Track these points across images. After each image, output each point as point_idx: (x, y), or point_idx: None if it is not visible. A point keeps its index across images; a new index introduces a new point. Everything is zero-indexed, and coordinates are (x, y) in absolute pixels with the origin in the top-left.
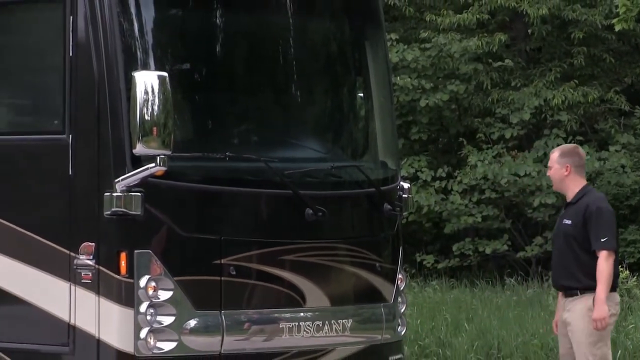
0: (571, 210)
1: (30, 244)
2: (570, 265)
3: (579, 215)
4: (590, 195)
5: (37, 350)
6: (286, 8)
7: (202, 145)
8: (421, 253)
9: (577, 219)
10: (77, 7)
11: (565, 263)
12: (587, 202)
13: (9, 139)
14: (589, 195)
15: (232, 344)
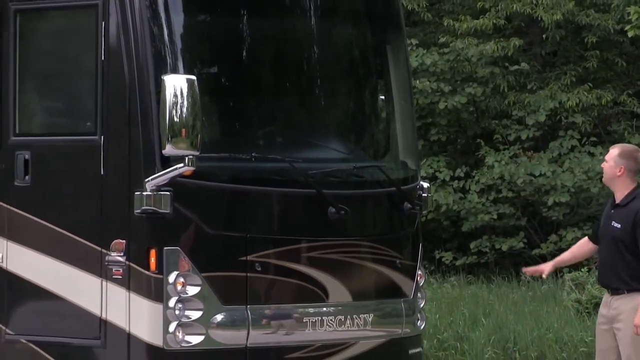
0: (620, 213)
1: (63, 241)
2: (617, 267)
3: (629, 219)
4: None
5: (69, 343)
6: (311, 14)
7: (228, 146)
8: (440, 250)
9: (627, 224)
10: (109, 13)
11: (612, 264)
12: (637, 207)
13: (45, 140)
14: (639, 200)
15: (257, 337)
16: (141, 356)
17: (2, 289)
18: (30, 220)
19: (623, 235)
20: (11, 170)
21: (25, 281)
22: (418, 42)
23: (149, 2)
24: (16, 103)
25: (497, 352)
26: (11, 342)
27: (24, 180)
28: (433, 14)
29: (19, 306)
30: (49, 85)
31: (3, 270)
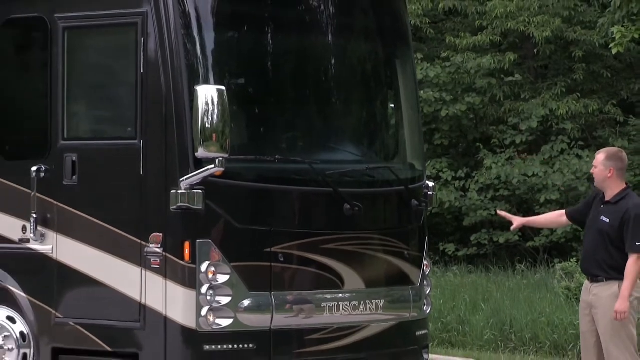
0: (610, 209)
1: (107, 235)
2: (599, 257)
3: (617, 216)
4: (629, 199)
5: (112, 326)
6: (329, 31)
7: (255, 149)
8: (443, 242)
9: (615, 220)
10: (148, 30)
11: (595, 253)
12: (627, 206)
13: (90, 143)
14: (629, 199)
15: (280, 320)
16: (176, 337)
17: (53, 278)
18: (77, 215)
19: (610, 229)
20: (60, 170)
21: (73, 270)
22: (423, 56)
23: (183, 21)
24: (65, 111)
25: (495, 334)
26: (61, 324)
27: (72, 180)
28: (436, 31)
29: (67, 292)
30: (94, 94)
31: (53, 261)
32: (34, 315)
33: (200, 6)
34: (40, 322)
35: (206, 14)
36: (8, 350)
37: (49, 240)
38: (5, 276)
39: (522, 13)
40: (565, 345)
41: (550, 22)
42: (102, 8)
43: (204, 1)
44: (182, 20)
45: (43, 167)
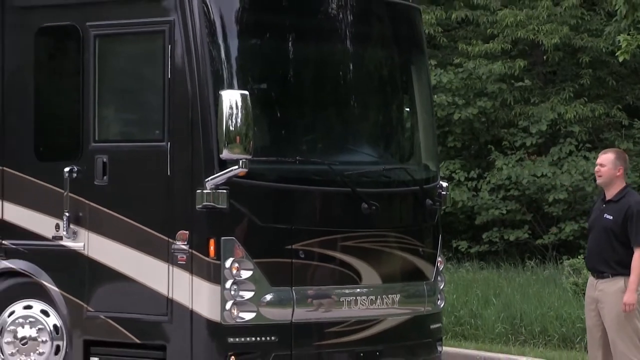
0: (613, 207)
1: (135, 232)
2: (606, 254)
3: (620, 213)
4: (630, 196)
5: (141, 319)
6: (348, 38)
7: (276, 150)
8: (456, 240)
9: (619, 216)
10: (175, 38)
11: (601, 251)
12: (629, 203)
13: (120, 145)
14: (630, 197)
15: (301, 314)
16: (202, 330)
17: (84, 273)
18: (107, 214)
19: (614, 225)
20: (91, 171)
21: (104, 266)
22: (436, 62)
23: (208, 29)
24: (96, 114)
25: (506, 328)
26: (92, 317)
27: (102, 180)
28: (449, 39)
29: (98, 287)
30: (123, 98)
31: (85, 257)
32: (67, 308)
33: (224, 15)
34: (72, 316)
35: (230, 22)
36: (42, 342)
37: (81, 237)
38: (39, 271)
39: (532, 21)
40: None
41: (558, 30)
42: (131, 16)
43: (228, 10)
44: (207, 28)
45: (75, 168)
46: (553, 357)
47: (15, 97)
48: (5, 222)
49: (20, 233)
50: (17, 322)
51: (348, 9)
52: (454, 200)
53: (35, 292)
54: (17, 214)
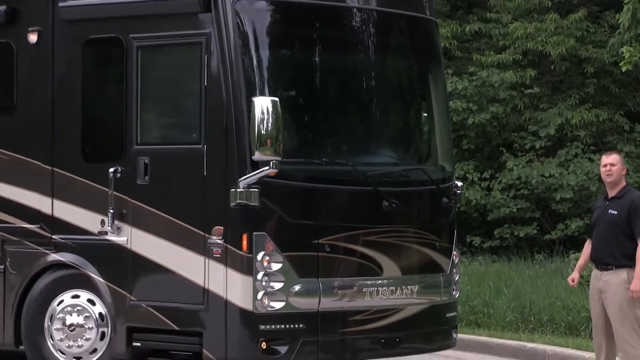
0: (617, 203)
1: (174, 227)
2: (611, 246)
3: (624, 208)
4: (632, 193)
5: (179, 307)
6: (370, 49)
7: (304, 152)
8: (470, 235)
9: (623, 211)
10: (210, 48)
11: (606, 244)
12: (632, 198)
13: (160, 148)
14: (632, 193)
15: (326, 303)
16: (235, 318)
17: (127, 265)
18: (148, 211)
19: (619, 219)
20: (134, 171)
21: (145, 259)
22: (452, 71)
23: (241, 40)
24: (138, 119)
25: (516, 316)
26: (134, 306)
27: (144, 180)
28: (463, 51)
29: (140, 278)
30: (163, 104)
31: (128, 250)
32: (111, 298)
33: (256, 27)
34: (116, 304)
35: (262, 34)
36: (88, 329)
37: (124, 232)
38: (86, 264)
39: (540, 34)
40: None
41: (565, 41)
42: (170, 29)
43: (259, 23)
44: (240, 40)
45: (119, 169)
46: (560, 344)
47: (64, 104)
48: (55, 218)
49: (69, 228)
50: (66, 310)
51: (370, 21)
52: (468, 198)
53: (82, 282)
54: (66, 211)
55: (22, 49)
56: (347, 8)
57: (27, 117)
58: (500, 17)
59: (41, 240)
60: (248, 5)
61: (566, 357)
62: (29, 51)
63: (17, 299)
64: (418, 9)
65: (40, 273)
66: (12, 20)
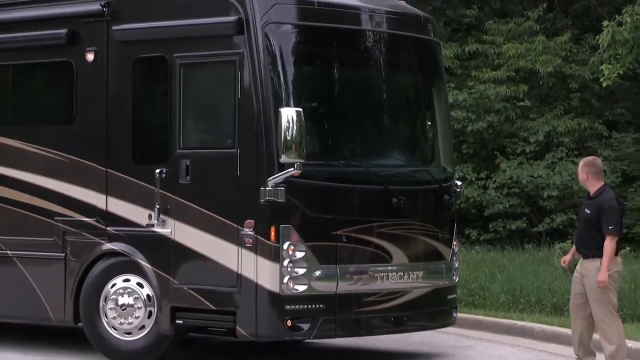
0: (591, 203)
1: (212, 221)
2: (587, 240)
3: (595, 208)
4: (605, 194)
5: (216, 290)
6: (382, 66)
7: (324, 156)
8: (468, 228)
9: (594, 211)
10: (243, 66)
11: (584, 238)
12: (602, 200)
13: (200, 152)
14: (605, 194)
15: (343, 287)
16: (264, 299)
17: (171, 253)
18: (189, 206)
19: (591, 217)
20: (177, 172)
21: (186, 247)
22: (454, 85)
23: (269, 59)
24: (180, 127)
25: (508, 298)
26: (177, 289)
27: (186, 179)
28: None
29: (182, 264)
30: (202, 114)
31: (171, 240)
32: (157, 281)
33: (283, 48)
34: (162, 287)
35: (287, 53)
36: (138, 308)
37: (169, 225)
38: (135, 252)
39: (530, 53)
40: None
41: (552, 60)
42: (208, 49)
43: (285, 44)
44: (269, 58)
45: (164, 170)
46: (546, 322)
47: (117, 114)
48: (109, 212)
49: (121, 221)
50: (118, 292)
51: (382, 42)
52: (467, 196)
53: (132, 268)
54: (118, 206)
55: (81, 67)
56: (362, 31)
57: (85, 125)
58: (494, 39)
59: (97, 231)
60: (275, 28)
61: (551, 333)
62: (86, 68)
63: (76, 282)
64: (423, 32)
65: (96, 260)
66: (73, 41)
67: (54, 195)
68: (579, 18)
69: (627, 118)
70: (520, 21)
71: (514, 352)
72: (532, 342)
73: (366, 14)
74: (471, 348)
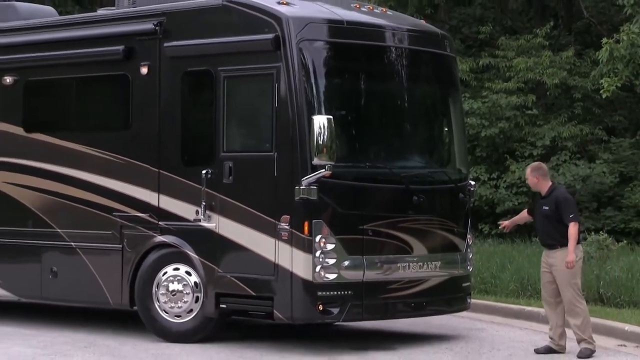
0: (547, 200)
1: (252, 216)
2: (552, 232)
3: (552, 203)
4: (557, 191)
5: (255, 278)
6: (403, 79)
7: (352, 158)
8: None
9: (552, 206)
10: (280, 78)
11: (548, 232)
12: (557, 195)
13: (242, 154)
14: (557, 191)
15: (369, 275)
16: (299, 286)
17: (216, 245)
18: (232, 203)
19: (550, 212)
20: (221, 173)
21: (229, 240)
22: (469, 95)
23: (303, 72)
24: (224, 132)
25: (517, 286)
26: (221, 277)
27: (229, 179)
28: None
29: (225, 255)
30: (243, 121)
31: (216, 234)
32: (203, 270)
33: (315, 61)
34: (207, 275)
35: (319, 67)
36: (186, 294)
37: (213, 219)
38: (184, 244)
39: (538, 67)
40: None
41: (558, 73)
42: (249, 63)
43: (318, 59)
44: (303, 71)
45: (210, 171)
46: None
47: (168, 121)
48: (161, 208)
49: (171, 216)
50: (169, 279)
51: (403, 57)
52: (480, 194)
53: (181, 258)
54: (169, 203)
55: (136, 79)
56: (386, 46)
57: (140, 131)
58: (506, 54)
59: (150, 225)
60: (309, 44)
61: None
62: (141, 81)
63: (132, 270)
64: (441, 47)
65: (149, 251)
66: (129, 57)
67: (112, 193)
68: (581, 35)
69: (624, 125)
70: (529, 38)
71: (522, 334)
72: (539, 325)
73: (390, 32)
74: (484, 330)
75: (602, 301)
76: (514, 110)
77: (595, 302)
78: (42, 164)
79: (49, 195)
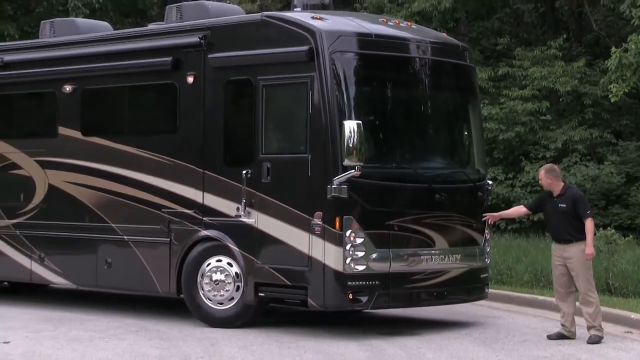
0: (563, 199)
1: (288, 213)
2: (568, 228)
3: (569, 201)
4: (572, 189)
5: (291, 269)
6: (427, 86)
7: (380, 160)
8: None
9: (569, 203)
10: (314, 86)
11: (564, 227)
12: (573, 193)
13: (278, 156)
14: (572, 189)
15: (395, 267)
16: (330, 276)
17: (255, 238)
18: (270, 201)
19: (568, 209)
20: (260, 173)
21: (267, 234)
22: (488, 101)
23: (335, 80)
24: (263, 136)
25: (531, 277)
26: (260, 268)
27: (267, 179)
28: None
29: (263, 248)
30: (280, 125)
31: (255, 228)
32: (244, 262)
33: (346, 71)
34: (247, 266)
35: (350, 76)
36: (228, 283)
37: (253, 215)
38: (226, 237)
39: (551, 76)
40: None
41: (569, 81)
42: (285, 73)
43: (348, 69)
44: (335, 80)
45: (249, 171)
46: None
47: (212, 126)
48: (205, 205)
49: (214, 212)
50: (212, 270)
51: (427, 67)
52: (497, 193)
53: (223, 250)
54: (212, 200)
55: (183, 87)
56: (410, 57)
57: (186, 135)
58: (522, 63)
59: (195, 221)
60: (340, 56)
61: None
62: (187, 89)
63: (179, 261)
64: (461, 58)
65: (194, 244)
66: (176, 67)
67: (161, 192)
68: (591, 47)
69: (631, 129)
70: (543, 49)
71: (536, 322)
72: (551, 313)
73: (414, 44)
74: (500, 318)
75: (610, 291)
76: (529, 115)
77: (603, 292)
78: (98, 165)
79: (104, 193)
